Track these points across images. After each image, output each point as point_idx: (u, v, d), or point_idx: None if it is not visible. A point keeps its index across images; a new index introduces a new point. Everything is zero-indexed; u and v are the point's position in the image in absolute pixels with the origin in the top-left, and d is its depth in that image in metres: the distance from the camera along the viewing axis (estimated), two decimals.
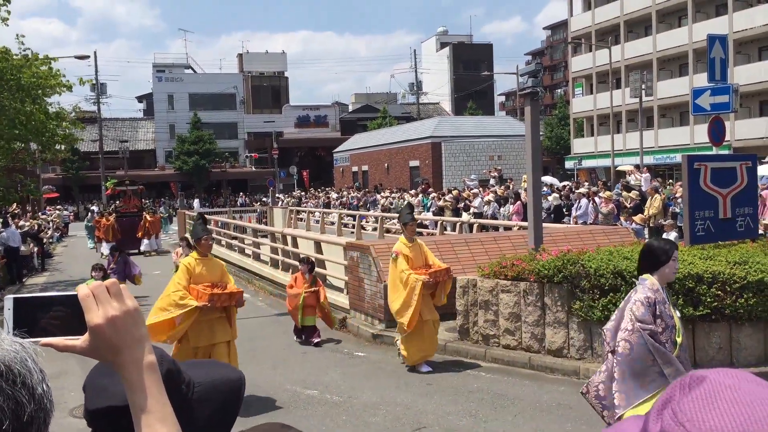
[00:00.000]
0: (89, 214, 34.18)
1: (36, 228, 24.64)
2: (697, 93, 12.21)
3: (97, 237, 25.77)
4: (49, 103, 18.85)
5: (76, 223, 43.78)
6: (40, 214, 35.17)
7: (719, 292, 7.75)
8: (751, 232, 9.35)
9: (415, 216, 12.95)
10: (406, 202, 11.91)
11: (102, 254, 22.81)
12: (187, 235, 20.36)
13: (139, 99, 78.00)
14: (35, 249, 22.26)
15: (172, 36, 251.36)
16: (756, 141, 35.61)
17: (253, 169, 65.04)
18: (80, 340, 1.12)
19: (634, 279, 7.95)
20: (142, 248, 25.59)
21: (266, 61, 70.36)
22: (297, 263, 16.16)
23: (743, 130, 37.32)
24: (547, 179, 25.84)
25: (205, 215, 9.02)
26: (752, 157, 9.60)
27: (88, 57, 35.03)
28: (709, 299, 7.74)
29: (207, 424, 1.35)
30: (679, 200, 15.73)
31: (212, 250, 8.74)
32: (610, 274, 8.08)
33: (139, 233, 25.65)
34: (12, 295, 1.14)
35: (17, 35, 17.60)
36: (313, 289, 10.89)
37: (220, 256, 21.86)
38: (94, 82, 47.78)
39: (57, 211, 40.70)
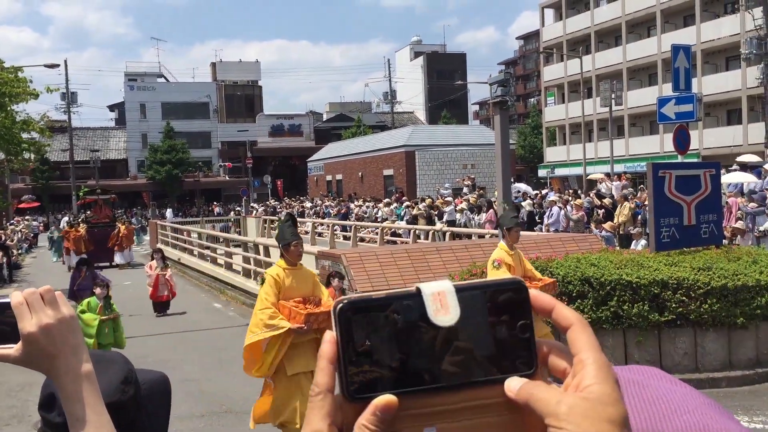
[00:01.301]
0: (53, 225, 32.95)
1: (2, 238, 24.20)
2: (663, 102, 12.42)
3: (66, 248, 24.58)
4: (17, 112, 18.60)
5: (45, 233, 43.18)
6: (7, 224, 34.60)
7: (684, 298, 7.87)
8: (715, 239, 9.51)
9: (389, 224, 12.76)
10: (508, 205, 10.45)
11: (69, 267, 21.79)
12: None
13: (111, 108, 77.27)
14: (3, 260, 21.90)
15: (144, 45, 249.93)
16: (723, 149, 36.22)
17: (227, 178, 64.68)
18: (13, 349, 1.08)
19: (600, 285, 8.05)
20: (116, 261, 24.69)
21: (240, 70, 70.14)
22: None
23: (711, 138, 37.96)
24: (521, 186, 26.06)
25: (295, 218, 6.55)
26: (716, 165, 9.78)
27: (59, 66, 34.66)
28: (674, 305, 7.86)
29: (155, 417, 1.56)
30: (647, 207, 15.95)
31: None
32: (577, 280, 8.16)
33: (111, 244, 24.65)
34: None
35: None
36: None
37: (192, 266, 21.72)
38: (62, 90, 47.32)
39: (26, 222, 40.10)
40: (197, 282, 19.95)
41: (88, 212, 27.04)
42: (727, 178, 16.62)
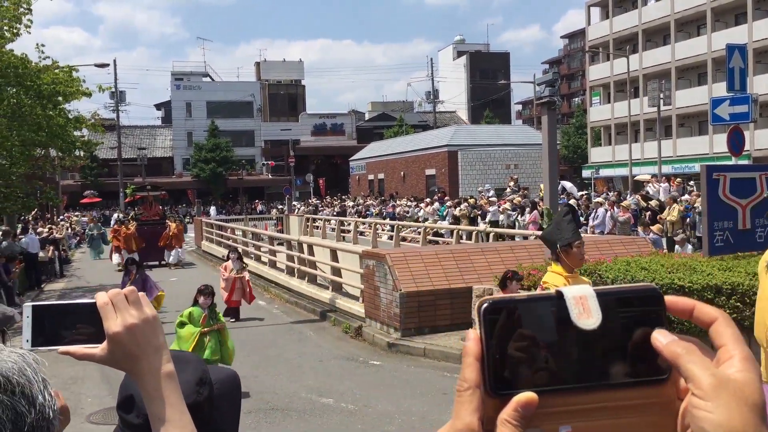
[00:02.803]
0: (93, 221, 30.70)
1: (53, 233, 24.71)
2: (716, 103, 12.13)
3: (116, 247, 23.63)
4: (69, 110, 19.07)
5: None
6: (58, 219, 35.47)
7: (738, 304, 7.67)
8: None
9: (432, 224, 12.54)
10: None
11: (119, 265, 21.19)
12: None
13: (158, 107, 78.67)
14: (54, 254, 22.46)
15: (191, 44, 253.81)
16: None
17: (270, 176, 65.33)
18: (98, 349, 1.11)
19: None
20: (166, 260, 23.68)
21: (283, 70, 70.76)
22: (313, 271, 16.24)
23: (763, 139, 36.97)
24: (566, 184, 25.71)
25: (576, 210, 5.00)
26: None
27: (108, 65, 35.43)
28: (728, 311, 7.66)
29: (227, 415, 1.59)
30: (697, 210, 15.62)
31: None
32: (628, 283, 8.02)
33: (162, 243, 23.55)
34: (30, 303, 1.15)
35: (37, 44, 17.84)
36: None
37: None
38: (113, 89, 48.38)
39: (75, 218, 41.06)
40: None
41: (138, 209, 26.15)
42: None
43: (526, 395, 0.52)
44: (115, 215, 36.33)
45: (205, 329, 7.91)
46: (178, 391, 1.14)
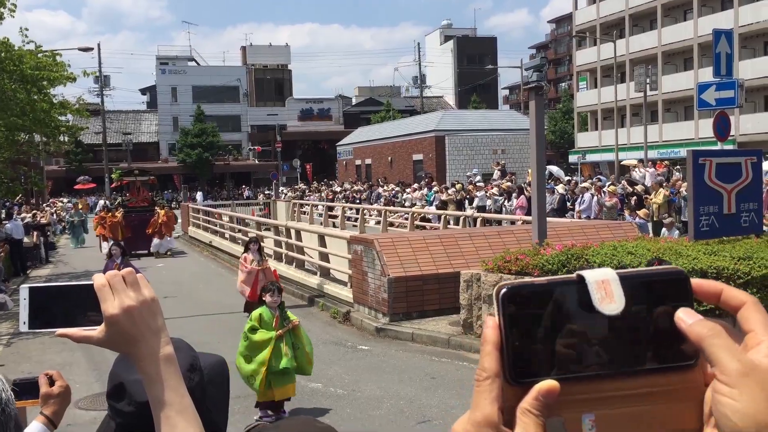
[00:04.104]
0: (76, 208, 29.37)
1: (38, 219, 24.45)
2: (702, 88, 12.19)
3: (102, 236, 22.48)
4: (53, 95, 18.87)
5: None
6: (44, 205, 35.19)
7: None
8: (756, 228, 9.33)
9: (419, 209, 12.35)
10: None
11: (108, 253, 21.22)
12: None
13: (143, 91, 78.03)
14: (40, 240, 22.30)
15: (176, 28, 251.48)
16: (761, 135, 35.52)
17: (257, 162, 65.06)
18: (96, 331, 1.10)
19: None
20: (154, 248, 22.43)
21: (270, 54, 70.27)
22: (301, 256, 16.23)
23: (748, 124, 37.22)
24: (553, 169, 25.77)
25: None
26: (757, 153, 9.58)
27: (92, 49, 34.99)
28: None
29: (217, 401, 1.58)
30: (683, 195, 15.72)
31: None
32: (614, 269, 8.07)
33: (150, 231, 22.31)
34: (28, 285, 1.13)
35: (20, 28, 17.60)
36: None
37: (224, 249, 21.94)
38: (97, 74, 47.87)
39: (60, 203, 40.75)
40: (229, 264, 20.14)
41: (125, 195, 24.88)
42: (764, 166, 16.28)
43: (548, 383, 0.51)
44: (101, 202, 36.00)
45: (280, 332, 6.84)
46: (178, 374, 1.13)
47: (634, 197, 18.40)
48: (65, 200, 45.33)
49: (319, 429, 1.27)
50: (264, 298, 7.09)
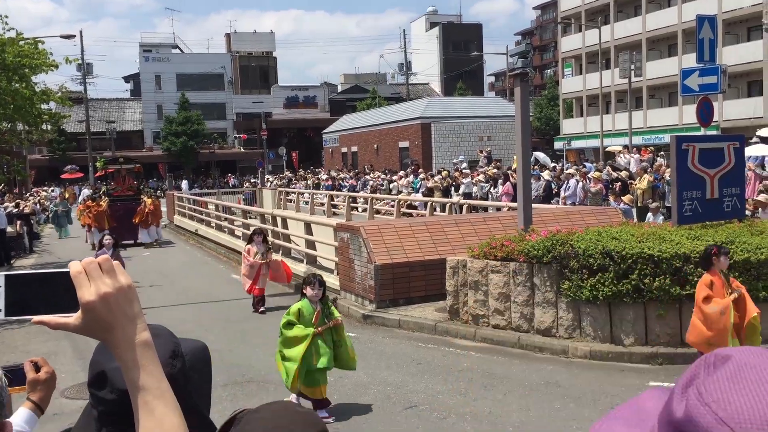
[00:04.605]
0: (58, 196, 28.33)
1: (21, 208, 24.17)
2: (686, 74, 12.25)
3: (88, 225, 21.81)
4: (35, 83, 18.67)
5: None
6: (27, 195, 34.87)
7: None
8: (738, 213, 9.43)
9: (406, 197, 12.24)
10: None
11: (93, 245, 19.94)
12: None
13: (126, 79, 77.29)
14: (24, 229, 22.11)
15: (160, 15, 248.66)
16: (744, 121, 35.75)
17: (242, 150, 64.76)
18: (73, 318, 1.10)
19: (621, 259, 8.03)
20: (141, 239, 21.84)
21: (255, 41, 69.80)
22: (287, 244, 16.22)
23: (731, 110, 37.45)
24: (539, 155, 25.84)
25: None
26: (740, 138, 9.67)
27: (74, 37, 34.67)
28: (696, 278, 7.81)
29: (199, 387, 1.57)
30: (667, 180, 15.83)
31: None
32: (598, 254, 8.14)
33: (137, 220, 21.70)
34: (3, 272, 1.13)
35: (1, 15, 17.39)
36: None
37: (210, 237, 21.88)
38: (80, 61, 47.35)
39: (44, 193, 40.42)
40: (215, 253, 20.10)
41: (110, 183, 24.04)
42: (747, 151, 16.43)
43: None
44: (85, 191, 35.66)
45: (320, 328, 6.39)
46: (155, 360, 1.14)
47: (619, 183, 18.51)
48: (51, 189, 44.97)
49: (301, 414, 1.28)
50: (304, 291, 6.57)
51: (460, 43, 72.30)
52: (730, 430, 0.62)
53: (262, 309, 11.55)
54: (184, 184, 49.71)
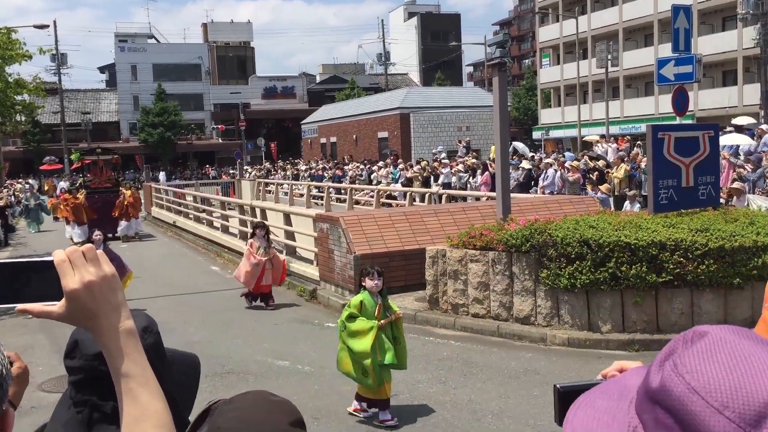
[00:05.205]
0: (29, 190, 27.98)
1: None
2: (662, 63, 12.36)
3: (65, 218, 21.18)
4: (8, 74, 18.40)
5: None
6: (1, 187, 34.35)
7: (681, 259, 7.94)
8: (713, 200, 9.55)
9: (385, 187, 12.26)
10: None
11: (71, 239, 19.84)
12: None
13: (101, 69, 76.39)
14: None
15: (135, 4, 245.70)
16: (719, 111, 36.17)
17: (220, 141, 64.33)
18: (56, 306, 1.10)
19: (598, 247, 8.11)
20: (121, 232, 21.23)
21: (232, 31, 69.26)
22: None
23: (707, 100, 37.86)
24: (518, 146, 25.95)
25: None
26: (714, 127, 9.78)
27: (48, 26, 34.12)
28: (671, 266, 7.92)
29: (183, 383, 1.58)
30: (644, 168, 15.98)
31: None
32: (576, 242, 8.21)
33: (116, 213, 20.98)
34: None
35: None
36: None
37: (189, 229, 21.74)
38: (54, 51, 46.71)
39: (18, 185, 39.85)
40: (194, 245, 19.99)
41: (87, 175, 23.07)
42: (722, 140, 16.63)
43: None
44: (62, 183, 35.18)
45: (383, 322, 6.02)
46: (139, 347, 1.15)
47: (596, 173, 18.65)
48: (29, 181, 44.31)
49: (275, 402, 1.29)
50: (363, 283, 6.18)
51: (439, 33, 72.29)
52: (700, 398, 0.65)
53: (272, 304, 11.13)
54: (162, 175, 49.30)
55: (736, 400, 0.64)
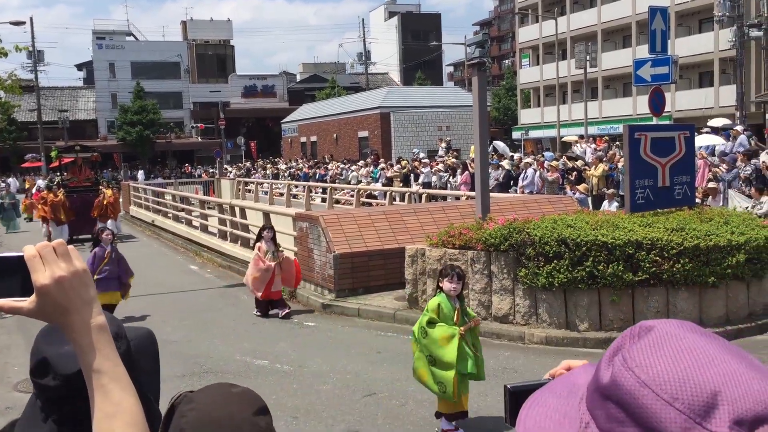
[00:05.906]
0: (5, 188, 27.47)
1: None
2: (639, 64, 12.49)
3: (41, 218, 20.42)
4: None
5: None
6: None
7: (657, 258, 8.03)
8: (689, 200, 9.67)
9: (365, 186, 12.26)
10: None
11: (49, 239, 18.74)
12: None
13: (79, 67, 75.55)
14: None
15: (113, 2, 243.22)
16: (695, 112, 36.60)
17: (200, 139, 63.91)
18: (27, 302, 1.10)
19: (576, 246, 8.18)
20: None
21: (211, 29, 68.84)
22: (246, 234, 16.11)
23: (683, 101, 38.29)
24: (499, 145, 26.07)
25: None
26: (690, 127, 9.90)
27: (24, 23, 33.74)
28: (647, 265, 8.02)
29: (146, 372, 1.55)
30: (621, 168, 16.13)
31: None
32: (554, 241, 8.27)
33: (95, 213, 20.15)
34: None
35: None
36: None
37: (168, 228, 21.59)
38: (30, 49, 46.15)
39: None
40: (172, 244, 19.85)
41: (65, 174, 22.27)
42: (698, 141, 16.84)
43: None
44: (39, 182, 34.69)
45: (463, 329, 5.51)
46: (110, 343, 1.15)
47: (575, 172, 18.80)
48: (6, 180, 43.64)
49: (236, 394, 1.29)
50: (441, 285, 5.69)
51: (419, 33, 72.40)
52: (650, 392, 0.67)
53: (286, 311, 10.37)
54: (140, 174, 48.90)
55: (684, 391, 0.66)
